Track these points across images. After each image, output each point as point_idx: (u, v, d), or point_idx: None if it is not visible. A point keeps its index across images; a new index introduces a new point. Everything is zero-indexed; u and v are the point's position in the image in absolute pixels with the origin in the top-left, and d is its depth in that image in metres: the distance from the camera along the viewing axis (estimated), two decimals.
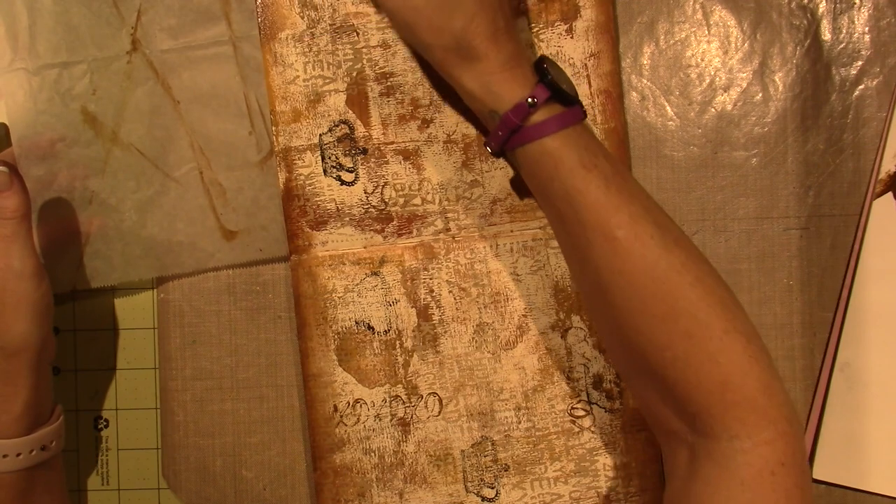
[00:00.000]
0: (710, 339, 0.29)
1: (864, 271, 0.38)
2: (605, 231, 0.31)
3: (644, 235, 0.30)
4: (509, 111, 0.32)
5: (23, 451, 0.35)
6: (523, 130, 0.32)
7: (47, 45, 0.39)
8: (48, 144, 0.39)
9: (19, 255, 0.34)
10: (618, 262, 0.31)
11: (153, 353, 0.42)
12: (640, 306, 0.30)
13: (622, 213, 0.31)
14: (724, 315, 0.30)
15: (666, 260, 0.30)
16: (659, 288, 0.30)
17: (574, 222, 0.32)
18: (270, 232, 0.40)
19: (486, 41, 0.32)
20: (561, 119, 0.32)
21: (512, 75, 0.33)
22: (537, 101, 0.32)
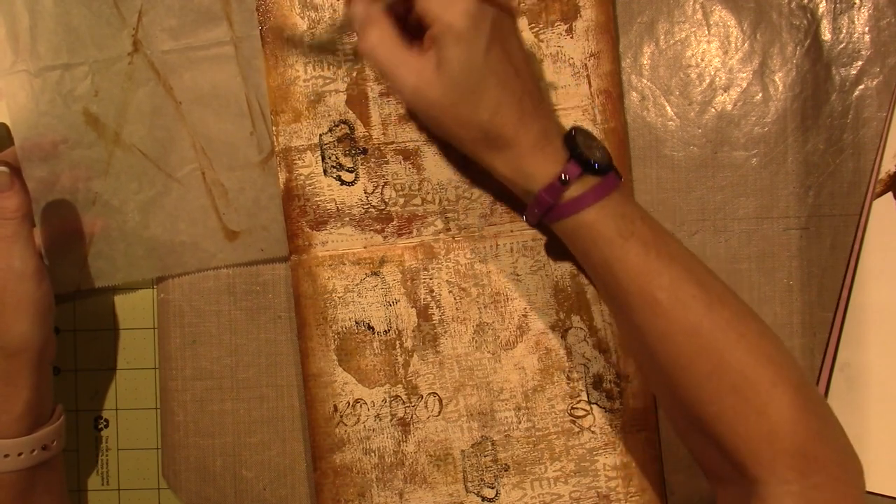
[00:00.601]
0: (757, 393, 0.30)
1: (864, 271, 0.39)
2: (647, 296, 0.31)
3: (686, 297, 0.31)
4: (542, 190, 0.33)
5: (24, 450, 0.36)
6: (558, 207, 0.33)
7: (48, 46, 0.39)
8: (50, 146, 0.39)
9: (20, 255, 0.35)
10: (662, 324, 0.31)
11: (153, 353, 0.43)
12: (687, 364, 0.31)
13: (663, 276, 0.31)
14: (771, 367, 0.30)
15: (710, 319, 0.31)
16: (704, 347, 0.31)
17: (616, 288, 0.33)
18: (272, 232, 0.40)
19: (513, 127, 0.33)
20: (595, 192, 0.33)
21: (543, 154, 0.33)
22: (569, 178, 0.33)
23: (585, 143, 0.34)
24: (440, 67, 0.32)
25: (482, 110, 0.33)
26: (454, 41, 0.32)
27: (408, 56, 0.33)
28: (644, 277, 0.32)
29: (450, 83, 0.32)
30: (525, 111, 0.33)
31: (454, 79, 0.32)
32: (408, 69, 0.33)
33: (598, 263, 0.33)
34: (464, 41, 0.32)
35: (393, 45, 0.33)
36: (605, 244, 0.32)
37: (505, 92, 0.33)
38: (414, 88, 0.33)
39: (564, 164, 0.33)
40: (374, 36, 0.33)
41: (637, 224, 0.32)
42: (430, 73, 0.32)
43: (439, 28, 0.32)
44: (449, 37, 0.32)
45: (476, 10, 0.32)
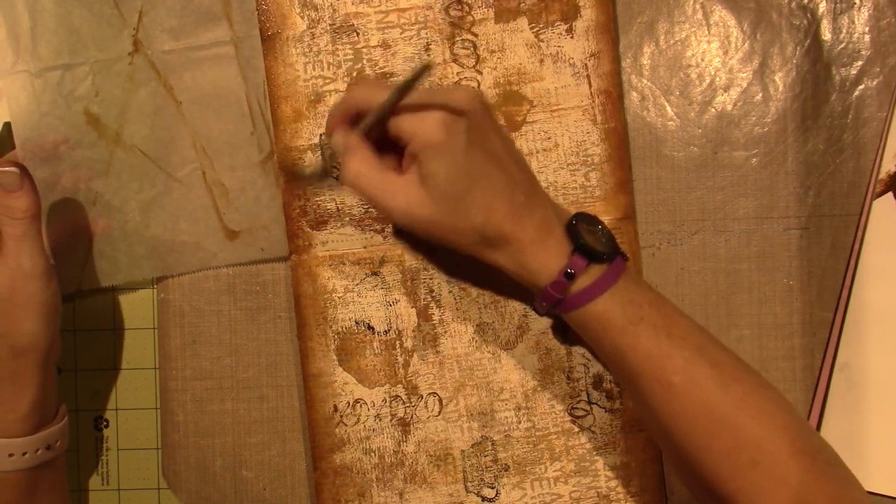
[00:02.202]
0: (775, 464, 0.30)
1: (864, 271, 0.40)
2: (661, 380, 0.32)
3: (700, 378, 0.32)
4: (549, 286, 0.34)
5: (28, 450, 0.36)
6: (566, 301, 0.34)
7: (49, 47, 0.40)
8: (52, 146, 0.40)
9: (30, 255, 0.35)
10: (677, 406, 0.32)
11: (153, 353, 0.43)
12: (704, 444, 0.32)
13: (675, 359, 0.32)
14: (788, 437, 0.31)
15: (725, 398, 0.32)
16: (721, 426, 0.31)
17: (629, 374, 0.33)
18: (272, 232, 0.41)
19: (510, 224, 0.33)
20: (602, 282, 0.33)
21: (545, 247, 0.34)
22: (575, 272, 0.33)
23: (588, 230, 0.34)
24: (424, 183, 0.33)
25: (475, 215, 0.33)
26: (433, 154, 0.32)
27: (390, 180, 0.34)
28: (657, 362, 0.32)
29: (437, 196, 0.33)
30: (518, 205, 0.34)
31: (440, 191, 0.33)
32: (393, 193, 0.34)
33: (609, 351, 0.34)
34: (443, 152, 0.32)
35: (374, 171, 0.34)
36: (615, 332, 0.33)
37: (494, 192, 0.33)
38: (403, 210, 0.34)
39: (569, 258, 0.33)
40: (354, 165, 0.34)
41: (645, 308, 0.33)
42: (415, 191, 0.33)
43: (416, 144, 0.33)
44: (427, 151, 0.32)
45: (449, 120, 0.32)
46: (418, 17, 0.40)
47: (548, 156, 0.40)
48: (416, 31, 0.40)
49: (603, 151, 0.40)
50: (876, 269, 0.40)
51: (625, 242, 0.40)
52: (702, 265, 0.41)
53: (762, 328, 0.41)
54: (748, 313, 0.41)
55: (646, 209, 0.41)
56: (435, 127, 0.32)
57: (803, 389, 0.41)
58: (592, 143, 0.40)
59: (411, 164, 0.34)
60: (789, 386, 0.41)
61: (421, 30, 0.40)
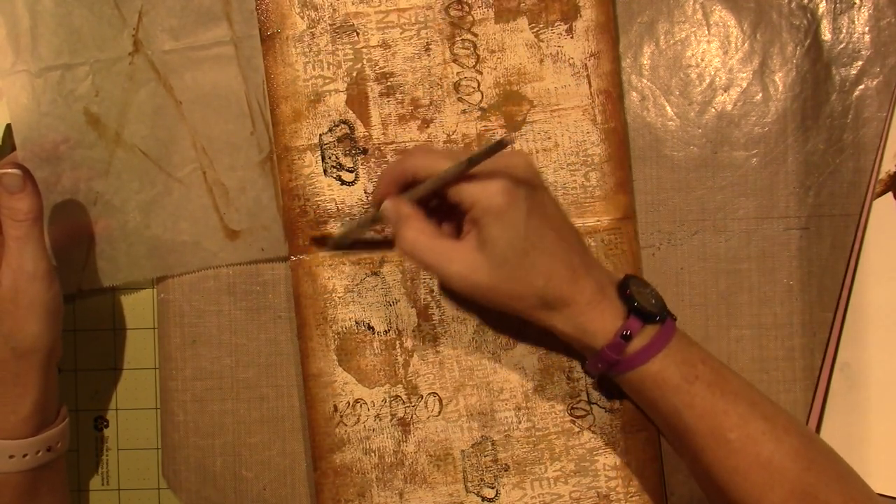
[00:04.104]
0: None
1: (864, 271, 0.40)
2: (716, 436, 0.33)
3: (756, 433, 0.33)
4: (606, 347, 0.35)
5: (29, 452, 0.37)
6: (623, 362, 0.35)
7: (49, 46, 0.41)
8: (52, 146, 0.41)
9: (32, 256, 0.36)
10: (733, 461, 0.33)
11: (153, 353, 0.44)
12: (760, 497, 0.33)
13: (731, 416, 0.33)
14: (841, 489, 0.32)
15: (780, 451, 0.33)
16: (775, 479, 0.32)
17: (686, 432, 0.34)
18: (272, 231, 0.42)
19: (569, 287, 0.35)
20: (657, 343, 0.34)
21: (600, 309, 0.35)
22: (632, 334, 0.34)
23: (639, 291, 0.36)
24: (484, 248, 0.34)
25: (536, 279, 0.34)
26: (494, 219, 0.33)
27: (448, 246, 0.35)
28: (713, 419, 0.33)
29: (497, 262, 0.34)
30: (576, 269, 0.35)
31: (500, 257, 0.34)
32: (451, 258, 0.34)
33: (665, 411, 0.35)
34: (504, 218, 0.33)
35: (431, 238, 0.35)
36: (671, 392, 0.34)
37: (554, 257, 0.34)
38: (462, 276, 0.34)
39: (625, 320, 0.35)
40: (410, 234, 0.35)
41: (699, 367, 0.34)
42: (474, 256, 0.34)
43: (478, 210, 0.34)
44: (489, 216, 0.33)
45: (511, 187, 0.33)
46: (418, 16, 0.41)
47: (548, 156, 0.41)
48: (416, 30, 0.41)
49: (603, 151, 0.41)
50: (876, 269, 0.40)
51: (625, 242, 0.40)
52: (702, 265, 0.41)
53: (762, 328, 0.41)
54: (748, 313, 0.41)
55: (646, 209, 0.42)
56: (498, 194, 0.33)
57: (803, 389, 0.41)
58: (592, 143, 0.41)
59: (471, 230, 0.35)
60: (789, 386, 0.41)
61: (421, 30, 0.41)
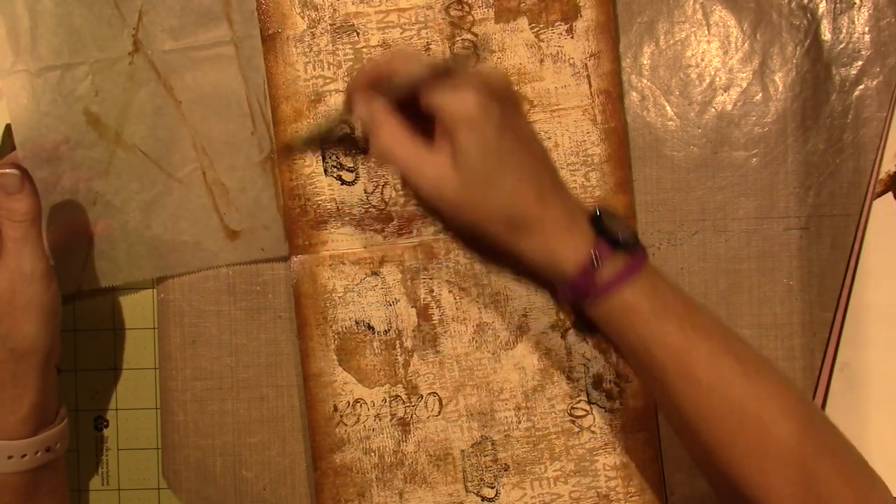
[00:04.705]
0: (802, 462, 0.31)
1: (864, 271, 0.40)
2: (686, 374, 0.33)
3: (727, 371, 0.32)
4: (575, 274, 0.34)
5: (28, 452, 0.37)
6: (592, 290, 0.34)
7: (49, 46, 0.41)
8: (52, 146, 0.41)
9: (30, 257, 0.36)
10: (703, 401, 0.32)
11: (153, 353, 0.44)
12: (730, 440, 0.32)
13: (701, 353, 0.33)
14: (814, 435, 0.32)
15: (752, 393, 0.32)
16: (746, 422, 0.32)
17: (655, 368, 0.34)
18: (272, 231, 0.42)
19: (536, 207, 0.34)
20: (627, 271, 0.34)
21: (570, 235, 0.34)
22: (601, 260, 0.34)
23: (610, 219, 0.35)
24: (455, 159, 0.34)
25: (503, 194, 0.34)
26: (466, 130, 0.33)
27: (422, 152, 0.34)
28: (682, 356, 0.33)
29: (467, 173, 0.34)
30: (545, 189, 0.35)
31: (471, 168, 0.33)
32: (423, 167, 0.34)
33: (634, 344, 0.34)
34: (476, 129, 0.33)
35: (405, 142, 0.35)
36: (640, 323, 0.34)
37: (523, 173, 0.34)
38: (434, 183, 0.34)
39: (595, 245, 0.34)
40: (385, 136, 0.35)
41: (670, 299, 0.34)
42: (445, 166, 0.34)
43: (450, 119, 0.33)
44: (461, 126, 0.33)
45: (484, 98, 0.33)
46: (418, 16, 0.41)
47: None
48: (416, 30, 0.41)
49: (603, 151, 0.41)
50: (876, 269, 0.40)
51: None
52: (702, 265, 0.42)
53: (762, 328, 0.41)
54: (748, 313, 0.41)
55: (646, 209, 0.42)
56: (472, 104, 0.33)
57: (803, 389, 0.41)
58: (592, 143, 0.41)
59: (442, 140, 0.34)
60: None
61: (421, 30, 0.41)
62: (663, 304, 0.33)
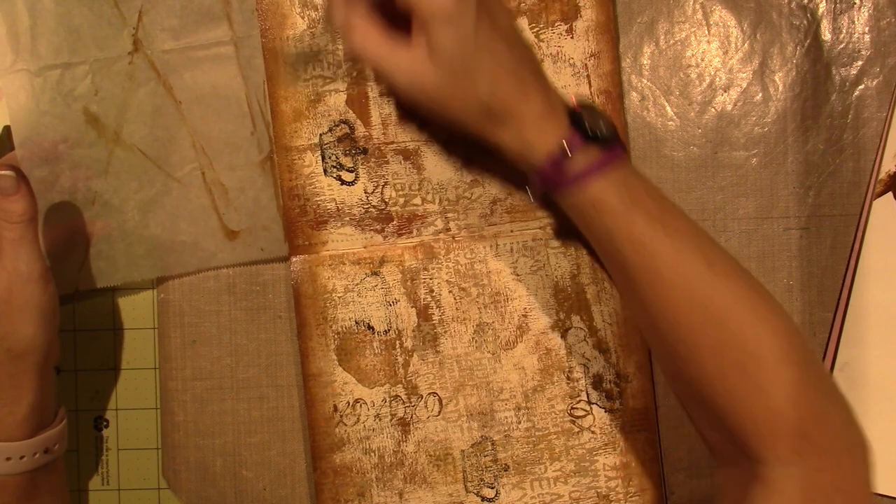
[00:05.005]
0: (761, 370, 0.30)
1: (864, 271, 0.41)
2: (651, 270, 0.32)
3: (692, 271, 0.32)
4: (545, 162, 0.34)
5: (26, 453, 0.37)
6: (561, 180, 0.34)
7: (49, 46, 0.41)
8: (51, 146, 0.41)
9: (26, 258, 0.36)
10: (667, 297, 0.32)
11: (153, 353, 0.44)
12: (691, 339, 0.32)
13: (668, 250, 0.32)
14: (778, 344, 0.31)
15: (716, 294, 0.31)
16: (709, 321, 0.31)
17: (621, 263, 0.33)
18: (272, 231, 0.42)
19: (515, 97, 0.34)
20: (598, 164, 0.34)
21: (546, 125, 0.34)
22: (573, 149, 0.34)
23: (590, 115, 0.35)
24: (432, 52, 0.33)
25: (481, 86, 0.33)
26: (443, 23, 0.33)
27: (397, 48, 0.34)
28: (649, 252, 0.32)
29: (444, 66, 0.33)
30: (524, 81, 0.34)
31: (448, 61, 0.33)
32: (399, 61, 0.34)
33: (601, 236, 0.34)
34: (453, 21, 0.33)
35: (380, 40, 0.34)
36: (608, 215, 0.33)
37: (501, 65, 0.34)
38: (409, 79, 0.34)
39: (567, 135, 0.34)
40: (358, 36, 0.34)
41: (642, 196, 0.33)
42: (422, 60, 0.33)
43: (426, 13, 0.33)
44: (437, 19, 0.33)
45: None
46: None
47: None
48: None
49: None
50: (876, 269, 0.41)
51: None
52: None
53: None
54: None
55: None
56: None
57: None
58: None
59: (419, 34, 0.34)
60: None
61: None
62: (633, 200, 0.33)
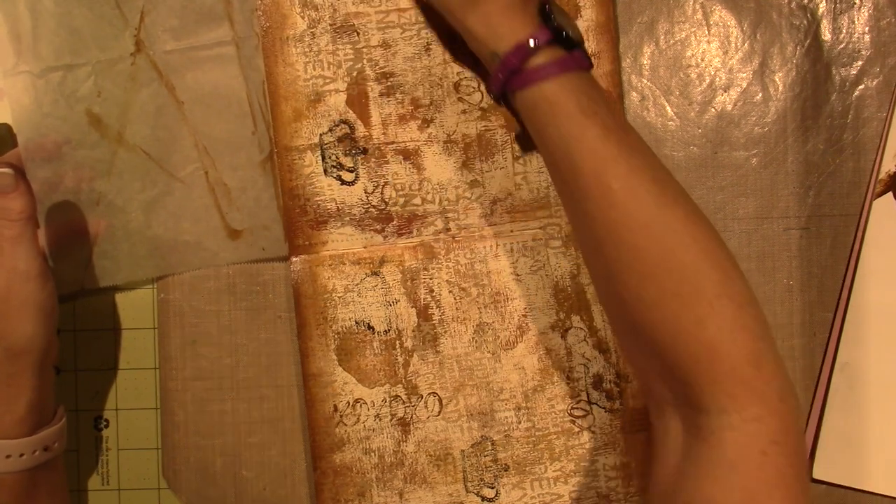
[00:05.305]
0: (699, 302, 0.29)
1: (864, 271, 0.41)
2: (600, 182, 0.31)
3: (641, 190, 0.31)
4: (509, 52, 0.33)
5: (25, 451, 0.37)
6: (523, 73, 0.33)
7: (50, 47, 0.41)
8: (54, 147, 0.41)
9: (25, 256, 0.36)
10: (612, 214, 0.31)
11: (153, 353, 0.44)
12: (632, 260, 0.31)
13: (620, 164, 0.31)
14: (718, 278, 0.30)
15: (662, 216, 0.31)
16: (651, 244, 0.30)
17: (570, 171, 0.32)
18: (273, 231, 0.42)
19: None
20: (562, 63, 0.33)
21: (516, 16, 0.33)
22: (538, 43, 0.33)
23: (560, 16, 0.34)
24: None
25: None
26: None
27: None
28: (600, 162, 0.31)
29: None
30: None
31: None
32: None
33: (554, 140, 0.33)
34: None
35: None
36: (564, 119, 0.32)
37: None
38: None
39: (535, 30, 0.33)
40: None
41: (600, 107, 0.32)
42: None
43: None
44: None
45: None
46: (419, 16, 0.41)
47: None
48: (416, 30, 0.41)
49: None
50: (876, 269, 0.41)
51: None
52: None
53: None
54: None
55: None
56: None
57: (803, 389, 0.41)
58: None
59: None
60: None
61: (421, 30, 0.41)
62: (593, 109, 0.32)
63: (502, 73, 0.34)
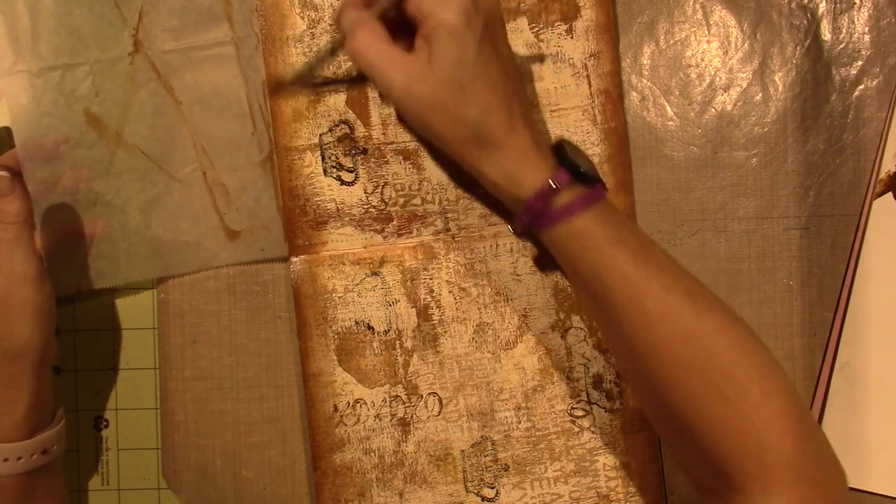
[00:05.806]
0: (745, 400, 0.31)
1: (864, 271, 0.41)
2: (635, 304, 0.33)
3: (676, 305, 0.32)
4: (532, 197, 0.35)
5: (24, 454, 0.37)
6: (548, 214, 0.35)
7: (49, 46, 0.41)
8: (52, 146, 0.41)
9: (21, 259, 0.36)
10: (651, 334, 0.33)
11: (153, 353, 0.44)
12: (676, 374, 0.32)
13: (652, 284, 0.33)
14: (762, 375, 0.32)
15: (699, 327, 0.32)
16: (694, 355, 0.32)
17: (604, 298, 0.34)
18: (272, 231, 0.42)
19: (503, 128, 0.35)
20: (584, 200, 0.34)
21: (532, 160, 0.35)
22: (559, 185, 0.34)
23: (573, 152, 0.36)
24: (431, 63, 0.34)
25: (472, 107, 0.34)
26: (447, 36, 0.33)
27: (397, 53, 0.34)
28: (633, 286, 0.33)
29: (441, 78, 0.34)
30: (514, 114, 0.35)
31: (445, 74, 0.33)
32: (397, 66, 0.34)
33: (586, 272, 0.34)
34: (457, 37, 0.33)
35: (381, 43, 0.34)
36: (593, 251, 0.34)
37: (496, 92, 0.34)
38: (404, 85, 0.34)
39: (554, 172, 0.35)
40: (361, 35, 0.35)
41: (625, 233, 0.34)
42: (420, 69, 0.34)
43: (433, 24, 0.33)
44: (442, 32, 0.33)
45: (470, 8, 0.33)
46: None
47: None
48: None
49: (603, 151, 0.41)
50: (876, 269, 0.41)
51: None
52: (702, 265, 0.42)
53: (762, 328, 0.42)
54: (748, 313, 0.42)
55: (646, 209, 0.42)
56: (456, 11, 0.33)
57: (803, 389, 0.42)
58: (592, 143, 0.41)
59: (422, 43, 0.34)
60: None
61: None
62: (618, 235, 0.34)
63: (527, 217, 0.35)
